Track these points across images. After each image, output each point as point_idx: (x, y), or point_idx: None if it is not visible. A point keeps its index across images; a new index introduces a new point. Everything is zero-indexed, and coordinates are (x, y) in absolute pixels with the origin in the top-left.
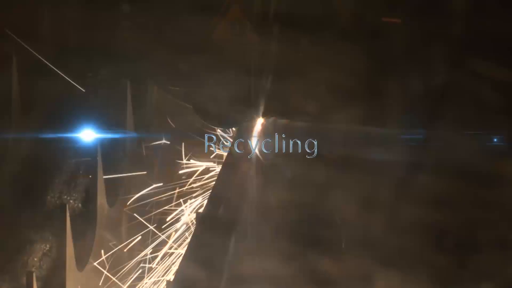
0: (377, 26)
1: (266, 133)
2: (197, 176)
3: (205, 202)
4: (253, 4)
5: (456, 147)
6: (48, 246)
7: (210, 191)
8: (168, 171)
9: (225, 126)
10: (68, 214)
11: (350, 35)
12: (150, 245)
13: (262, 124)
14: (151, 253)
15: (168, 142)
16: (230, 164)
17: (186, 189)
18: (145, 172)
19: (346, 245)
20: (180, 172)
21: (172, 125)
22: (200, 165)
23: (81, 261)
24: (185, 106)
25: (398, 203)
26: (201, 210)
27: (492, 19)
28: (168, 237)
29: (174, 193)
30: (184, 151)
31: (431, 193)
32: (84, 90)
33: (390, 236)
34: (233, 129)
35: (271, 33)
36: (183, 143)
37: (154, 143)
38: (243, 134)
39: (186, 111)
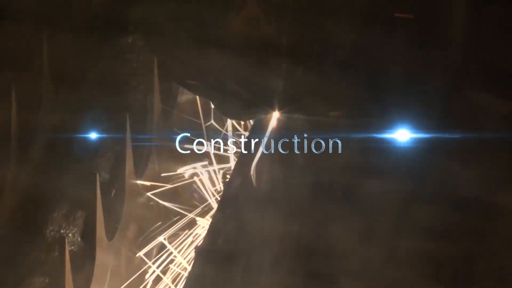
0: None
1: (280, 127)
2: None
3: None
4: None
5: (455, 177)
6: (47, 279)
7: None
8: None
9: (243, 119)
10: (67, 247)
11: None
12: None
13: (278, 119)
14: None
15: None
16: (230, 197)
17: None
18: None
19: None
20: None
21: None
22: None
23: None
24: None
25: (397, 235)
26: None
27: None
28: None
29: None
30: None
31: (429, 224)
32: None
33: (388, 267)
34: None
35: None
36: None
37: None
38: (259, 127)
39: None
